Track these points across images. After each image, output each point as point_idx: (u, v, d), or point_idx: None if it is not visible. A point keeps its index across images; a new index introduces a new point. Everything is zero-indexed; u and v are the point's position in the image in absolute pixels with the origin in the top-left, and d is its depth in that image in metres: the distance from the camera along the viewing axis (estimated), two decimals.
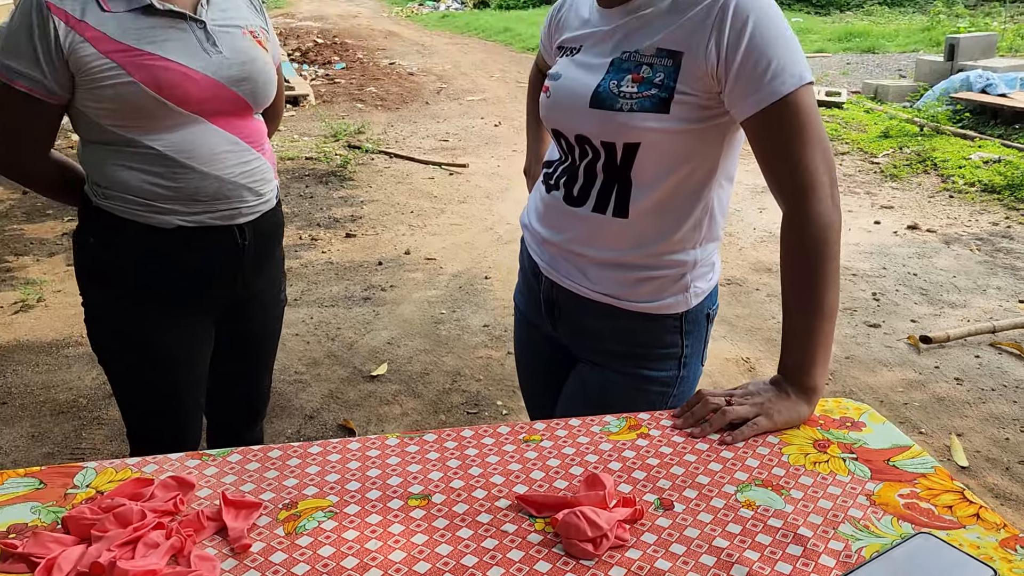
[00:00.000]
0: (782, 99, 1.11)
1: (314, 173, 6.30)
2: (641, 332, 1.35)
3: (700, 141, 1.22)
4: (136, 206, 1.50)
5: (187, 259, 1.56)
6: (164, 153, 1.47)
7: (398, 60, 12.76)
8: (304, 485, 1.01)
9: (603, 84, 1.22)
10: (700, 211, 1.28)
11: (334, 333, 3.64)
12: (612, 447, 1.10)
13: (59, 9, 1.39)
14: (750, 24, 1.12)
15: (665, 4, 1.20)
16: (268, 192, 1.63)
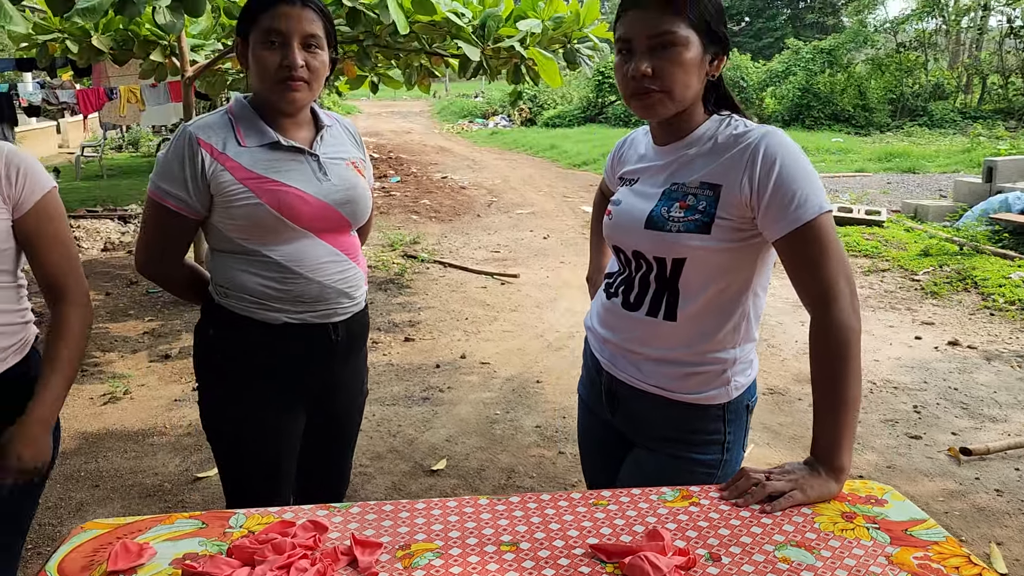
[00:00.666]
0: (805, 224, 1.36)
1: (374, 281, 6.67)
2: (689, 420, 1.56)
3: (737, 258, 1.47)
4: (251, 304, 1.80)
5: (290, 350, 1.84)
6: (278, 261, 1.78)
7: (450, 174, 13.42)
8: (415, 531, 1.23)
9: (656, 210, 1.49)
10: (738, 316, 1.52)
11: (396, 430, 3.87)
12: (668, 511, 1.30)
13: (206, 143, 1.73)
14: (777, 163, 1.38)
15: (707, 146, 1.48)
16: (359, 296, 1.91)
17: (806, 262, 1.39)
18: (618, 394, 1.64)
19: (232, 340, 1.84)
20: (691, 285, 1.50)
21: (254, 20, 1.74)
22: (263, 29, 1.72)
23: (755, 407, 1.64)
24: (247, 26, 1.75)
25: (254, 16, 1.74)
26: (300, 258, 1.79)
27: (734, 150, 1.44)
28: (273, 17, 1.71)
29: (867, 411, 4.06)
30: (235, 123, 1.79)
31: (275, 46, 1.72)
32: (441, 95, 39.16)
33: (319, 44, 1.77)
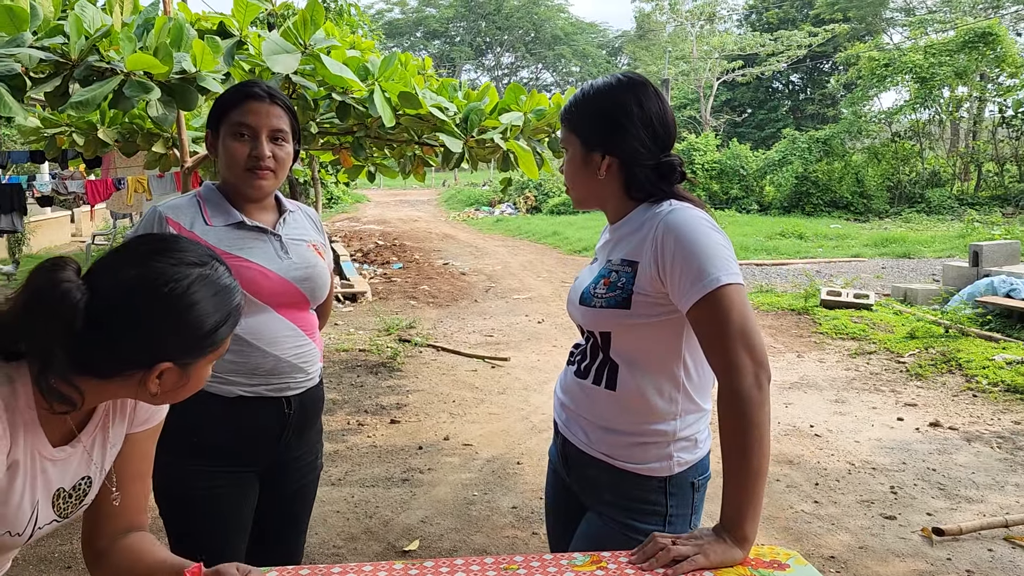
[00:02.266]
0: (703, 298, 1.45)
1: (366, 364, 6.75)
2: (630, 488, 1.62)
3: (660, 331, 1.56)
4: None
5: (243, 422, 1.92)
6: (236, 334, 1.87)
7: (451, 260, 13.64)
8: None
9: (587, 287, 1.60)
10: (671, 388, 1.59)
11: (372, 511, 3.89)
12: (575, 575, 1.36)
13: (174, 222, 1.87)
14: (674, 240, 1.49)
15: (631, 226, 1.61)
16: (314, 372, 2.01)
17: (708, 335, 1.47)
18: (571, 457, 1.72)
19: (184, 413, 1.92)
20: (622, 357, 1.59)
21: (225, 114, 1.89)
22: (234, 122, 1.87)
23: (705, 486, 1.69)
24: (218, 120, 1.91)
25: (226, 110, 1.89)
26: (258, 332, 1.89)
27: (645, 228, 1.56)
28: (243, 112, 1.87)
29: (843, 492, 4.06)
30: (203, 205, 1.92)
31: (244, 138, 1.87)
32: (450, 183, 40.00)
33: (285, 138, 1.92)
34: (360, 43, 6.04)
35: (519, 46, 55.41)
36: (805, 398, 5.69)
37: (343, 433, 5.01)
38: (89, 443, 1.21)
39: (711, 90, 33.31)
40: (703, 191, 22.23)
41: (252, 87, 1.89)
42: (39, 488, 1.14)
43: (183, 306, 1.08)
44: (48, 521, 1.19)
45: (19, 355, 1.09)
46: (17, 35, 3.87)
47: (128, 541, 1.29)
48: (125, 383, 1.10)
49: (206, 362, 1.16)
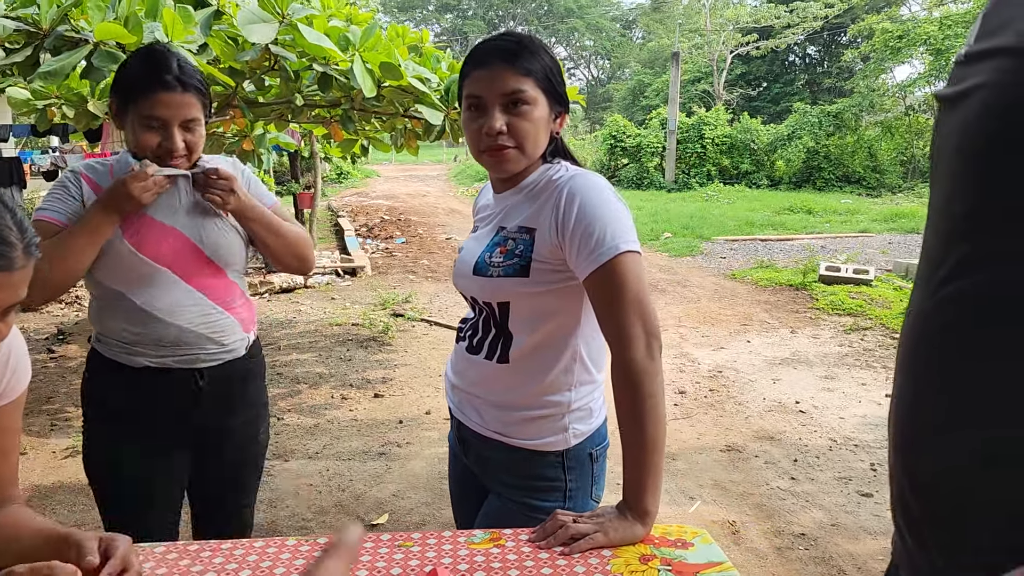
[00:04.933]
0: (602, 265, 1.40)
1: (357, 338, 6.74)
2: (527, 466, 1.58)
3: (558, 299, 1.50)
4: (116, 348, 1.86)
5: (149, 393, 1.88)
6: (137, 304, 1.83)
7: (454, 235, 13.58)
8: (206, 570, 1.26)
9: (481, 256, 1.54)
10: (568, 358, 1.55)
11: (346, 485, 3.88)
12: (469, 553, 1.32)
13: (89, 178, 1.84)
14: (577, 204, 1.43)
15: (529, 192, 1.54)
16: (233, 344, 1.95)
17: (603, 303, 1.42)
18: (467, 440, 1.67)
19: (101, 383, 1.90)
20: (519, 328, 1.54)
21: (134, 99, 1.78)
22: (144, 114, 1.77)
23: (604, 455, 1.65)
24: (125, 97, 1.80)
25: (135, 95, 1.78)
26: (156, 301, 1.83)
27: (545, 193, 1.50)
28: (154, 104, 1.76)
29: (821, 469, 4.01)
30: (112, 168, 1.88)
31: (155, 128, 1.79)
32: (461, 158, 39.86)
33: (197, 123, 1.83)
34: (357, 15, 5.96)
35: (532, 19, 54.89)
36: (794, 374, 5.63)
37: (325, 407, 5.01)
38: None
39: (725, 63, 32.87)
40: (712, 165, 22.00)
41: (163, 73, 1.77)
42: None
43: None
44: None
45: None
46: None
47: (0, 516, 1.26)
48: None
49: None
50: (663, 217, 14.66)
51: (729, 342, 6.56)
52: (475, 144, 1.55)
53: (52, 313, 7.64)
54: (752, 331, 6.89)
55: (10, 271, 1.01)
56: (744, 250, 11.38)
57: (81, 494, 3.75)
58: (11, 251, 1.01)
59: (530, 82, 1.49)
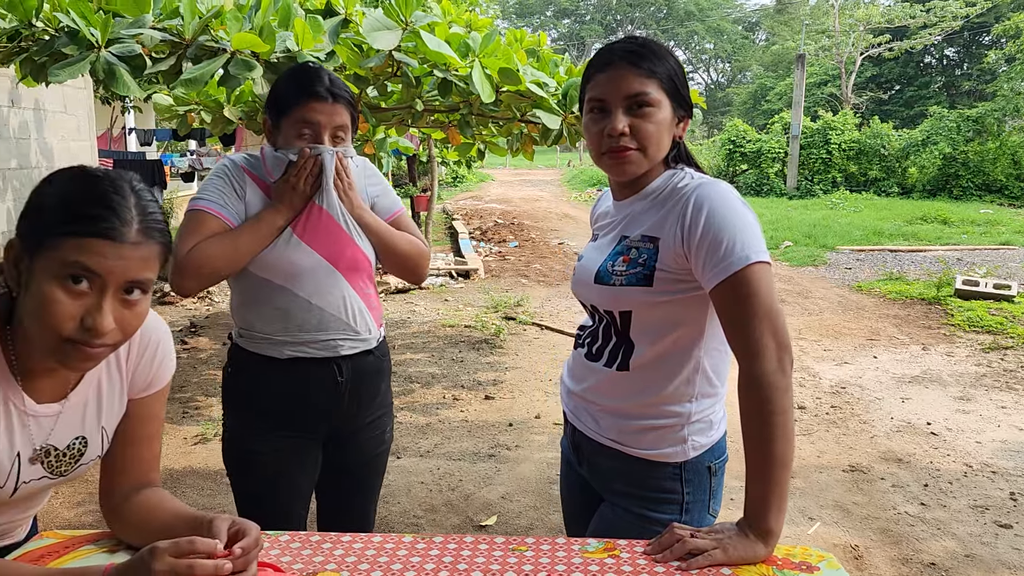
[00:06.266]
0: (731, 276, 1.35)
1: (469, 340, 6.82)
2: (643, 476, 1.55)
3: (682, 309, 1.46)
4: (259, 340, 1.93)
5: (295, 386, 1.94)
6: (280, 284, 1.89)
7: (566, 240, 13.58)
8: (327, 561, 1.29)
9: (603, 264, 1.52)
10: (690, 369, 1.50)
11: (455, 484, 3.93)
12: (583, 562, 1.30)
13: (249, 170, 1.93)
14: (705, 213, 1.39)
15: (654, 200, 1.51)
16: (366, 334, 1.99)
17: (731, 315, 1.37)
18: (582, 446, 1.65)
19: (244, 377, 1.98)
20: (641, 337, 1.50)
21: (287, 111, 1.88)
22: (296, 120, 1.87)
23: (722, 469, 1.60)
24: (278, 112, 1.91)
25: (288, 106, 1.88)
26: (303, 285, 1.90)
27: (671, 202, 1.46)
28: (307, 111, 1.86)
29: (955, 495, 3.76)
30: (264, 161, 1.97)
31: (306, 137, 1.87)
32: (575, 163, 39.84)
33: (345, 134, 1.92)
34: (476, 21, 6.04)
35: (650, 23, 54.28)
36: (925, 393, 5.31)
37: (437, 407, 5.09)
38: (79, 404, 1.25)
39: (854, 66, 31.49)
40: (838, 172, 21.13)
41: (315, 86, 1.86)
42: (18, 441, 1.19)
43: (41, 189, 1.12)
44: (38, 477, 1.24)
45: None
46: (139, 16, 4.10)
47: (141, 497, 1.33)
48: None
49: (44, 268, 1.08)
50: (783, 225, 14.18)
51: (854, 357, 6.26)
52: (596, 147, 1.53)
53: (185, 307, 8.09)
54: (879, 346, 6.56)
55: (116, 242, 1.07)
56: (871, 261, 10.86)
57: (208, 479, 3.94)
58: (122, 225, 1.08)
59: (654, 84, 1.47)
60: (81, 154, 7.76)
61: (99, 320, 1.08)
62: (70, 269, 1.06)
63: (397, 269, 2.10)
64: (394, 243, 2.04)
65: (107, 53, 3.93)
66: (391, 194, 2.16)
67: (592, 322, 1.63)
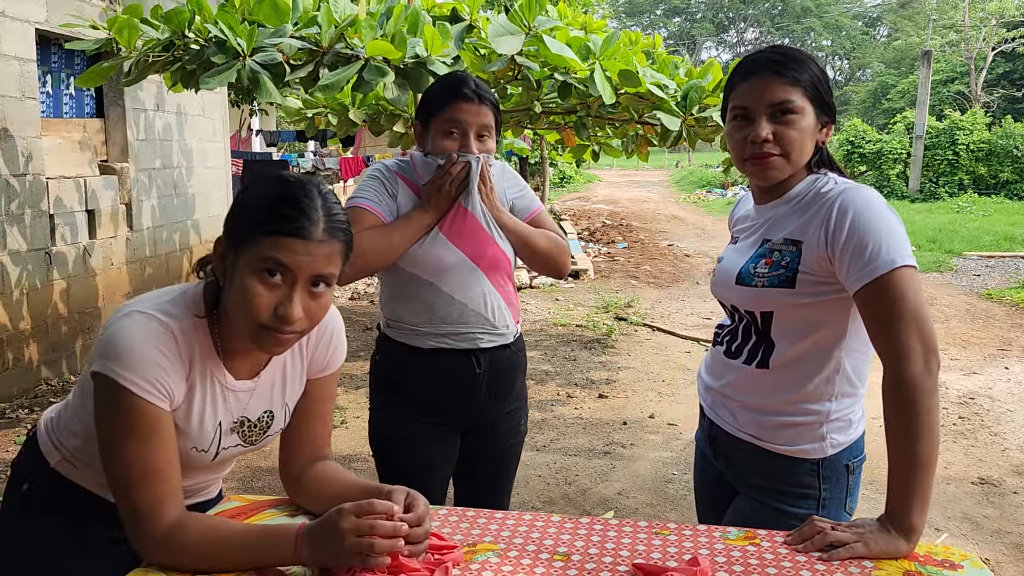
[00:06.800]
0: (877, 279, 1.38)
1: (581, 339, 6.90)
2: (781, 471, 1.59)
3: (825, 311, 1.50)
4: (405, 331, 2.07)
5: (436, 375, 2.07)
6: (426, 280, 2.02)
7: (676, 242, 13.46)
8: (484, 535, 1.40)
9: (745, 266, 1.57)
10: (831, 369, 1.54)
11: (572, 479, 4.01)
12: (725, 547, 1.36)
13: (403, 175, 2.07)
14: (850, 217, 1.43)
15: (797, 205, 1.55)
16: (504, 330, 2.10)
17: (877, 317, 1.40)
18: (719, 440, 1.71)
19: (391, 365, 2.12)
20: (782, 337, 1.55)
21: (435, 112, 2.02)
22: (444, 120, 2.00)
23: (860, 468, 1.63)
24: (427, 115, 2.05)
25: (435, 108, 2.02)
26: (447, 281, 2.03)
27: (815, 206, 1.50)
28: (454, 111, 1.99)
29: None
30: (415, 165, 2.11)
31: (453, 136, 2.01)
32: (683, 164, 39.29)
33: (489, 133, 2.05)
34: (591, 23, 6.11)
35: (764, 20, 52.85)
36: None
37: (551, 403, 5.18)
38: (268, 382, 1.41)
39: (984, 62, 29.83)
40: (966, 174, 20.08)
41: (462, 87, 1.99)
42: (220, 412, 1.35)
43: (243, 194, 1.28)
44: (233, 444, 1.40)
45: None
46: (280, 26, 4.37)
47: (317, 468, 1.47)
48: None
49: (246, 262, 1.22)
50: (906, 229, 13.59)
51: (983, 367, 5.99)
52: (739, 153, 1.59)
53: None
54: (1012, 357, 6.25)
55: (305, 239, 1.21)
56: (1003, 268, 10.31)
57: (345, 462, 4.15)
58: (310, 224, 1.22)
59: (798, 92, 1.51)
60: (216, 155, 8.25)
61: (290, 309, 1.22)
62: (266, 264, 1.21)
63: (539, 265, 2.20)
64: (533, 241, 2.14)
65: (252, 61, 4.21)
66: (529, 194, 2.26)
67: (731, 321, 1.69)
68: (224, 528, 1.28)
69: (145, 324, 1.23)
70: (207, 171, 8.02)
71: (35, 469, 1.43)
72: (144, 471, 1.21)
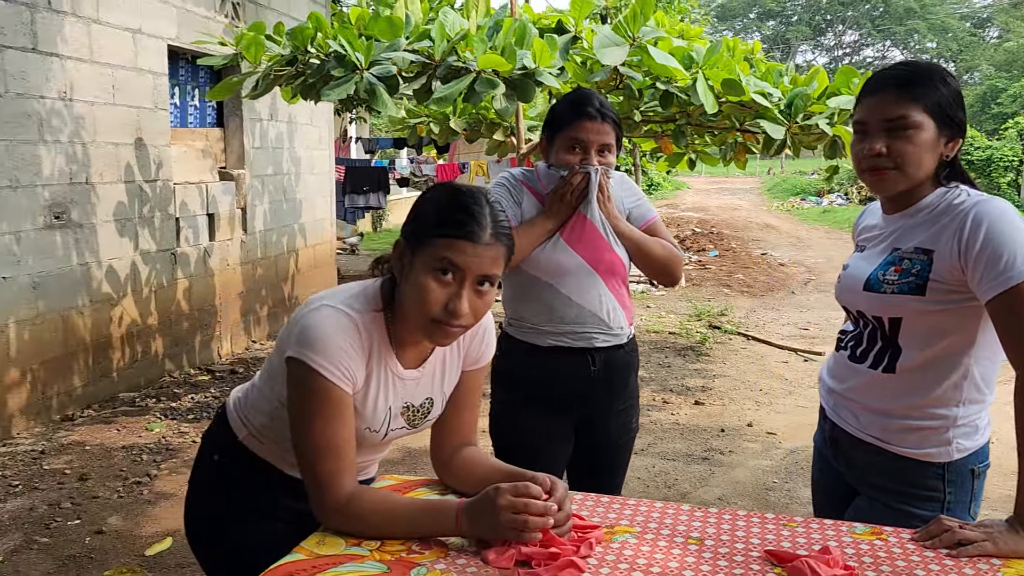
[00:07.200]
0: (1010, 288, 1.43)
1: (674, 346, 6.92)
2: (906, 474, 1.64)
3: (955, 318, 1.55)
4: (526, 329, 2.20)
5: (552, 371, 2.20)
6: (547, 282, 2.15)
7: (770, 251, 13.25)
8: (620, 519, 1.51)
9: (873, 273, 1.64)
10: (959, 375, 1.58)
11: (671, 482, 4.07)
12: (853, 540, 1.43)
13: (527, 184, 2.21)
14: (984, 227, 1.48)
15: (927, 215, 1.60)
16: (619, 331, 2.21)
17: (1010, 325, 1.44)
18: (840, 441, 1.77)
19: (512, 360, 2.26)
20: (909, 342, 1.61)
21: (560, 128, 2.17)
22: (568, 136, 2.15)
23: (984, 474, 1.66)
24: (554, 131, 2.20)
25: (561, 125, 2.17)
26: (566, 283, 2.16)
27: (947, 217, 1.56)
28: (578, 129, 2.13)
29: None
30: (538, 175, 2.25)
31: (575, 152, 2.14)
32: (775, 171, 38.47)
33: (610, 151, 2.17)
34: (688, 31, 6.15)
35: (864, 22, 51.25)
36: None
37: (648, 408, 5.24)
38: (431, 371, 1.55)
39: None
40: None
41: (586, 106, 2.13)
42: (390, 397, 1.50)
43: (421, 201, 1.43)
44: (400, 427, 1.54)
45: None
46: (394, 41, 4.58)
47: (465, 453, 1.61)
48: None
49: (422, 262, 1.36)
50: None
51: None
52: (857, 165, 1.66)
53: None
54: None
55: (474, 242, 1.35)
56: None
57: None
58: (479, 228, 1.36)
59: (916, 108, 1.57)
60: (321, 162, 8.62)
61: (459, 305, 1.36)
62: (440, 263, 1.35)
63: (652, 272, 2.30)
64: (649, 249, 2.24)
65: (369, 74, 4.44)
66: (646, 204, 2.37)
67: (855, 327, 1.75)
68: (393, 500, 1.42)
69: (335, 317, 1.40)
70: (313, 177, 8.38)
71: (225, 442, 1.61)
72: (327, 445, 1.37)
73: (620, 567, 1.32)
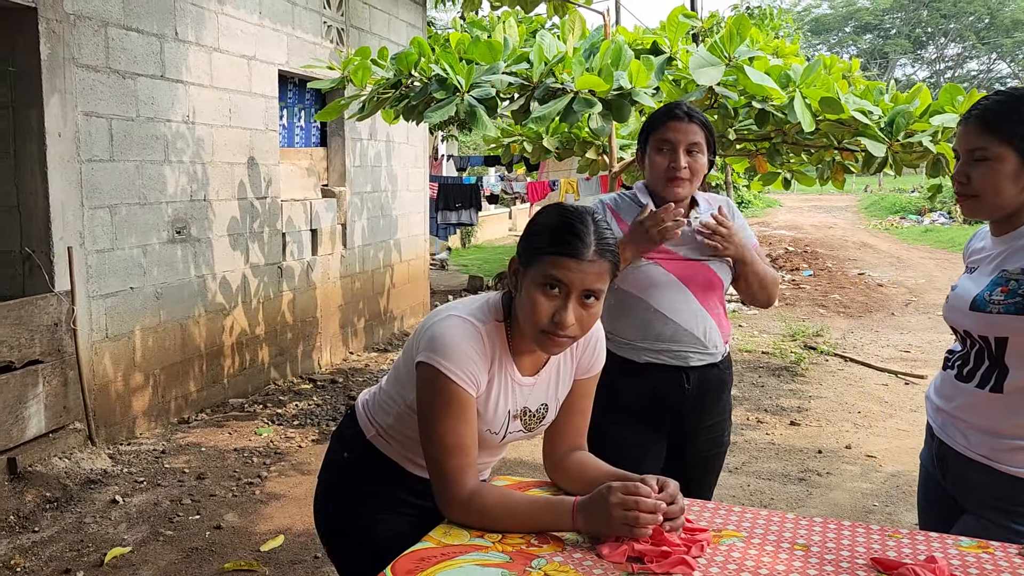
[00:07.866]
0: None
1: (768, 366, 6.84)
2: (1014, 492, 1.65)
3: None
4: (622, 345, 2.28)
5: (647, 386, 2.27)
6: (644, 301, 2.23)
7: (868, 271, 12.89)
8: (727, 524, 1.57)
9: (980, 294, 1.66)
10: None
11: (767, 502, 4.05)
12: (959, 553, 1.45)
13: (615, 211, 2.29)
14: None
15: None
16: (714, 349, 2.26)
17: None
18: (947, 459, 1.79)
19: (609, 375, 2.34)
20: (1017, 362, 1.62)
21: (651, 132, 2.26)
22: (657, 138, 2.24)
23: None
24: (646, 137, 2.29)
25: (652, 129, 2.26)
26: (662, 301, 2.23)
27: None
28: (666, 130, 2.22)
29: None
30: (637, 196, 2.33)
31: (664, 152, 2.22)
32: (872, 189, 37.31)
33: (700, 150, 2.24)
34: (783, 48, 6.13)
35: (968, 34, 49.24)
36: None
37: (742, 427, 5.22)
38: (546, 379, 1.65)
39: None
40: None
41: (675, 108, 2.22)
42: (509, 402, 1.60)
43: (533, 221, 1.54)
44: (516, 430, 1.65)
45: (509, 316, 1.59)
46: (493, 64, 4.75)
47: (575, 456, 1.71)
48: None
49: (532, 277, 1.47)
50: None
51: None
52: (953, 187, 1.73)
53: None
54: None
55: (578, 259, 1.45)
56: None
57: (537, 470, 4.43)
58: (583, 246, 1.46)
59: (996, 140, 1.62)
60: (416, 179, 8.89)
61: (564, 317, 1.46)
62: (547, 279, 1.46)
63: (755, 298, 2.35)
64: (765, 276, 2.30)
65: (469, 96, 4.61)
66: (747, 229, 2.42)
67: (962, 347, 1.77)
68: (513, 496, 1.53)
69: (463, 326, 1.52)
70: (408, 194, 8.65)
71: (354, 441, 1.75)
72: (453, 444, 1.49)
73: (729, 567, 1.38)
